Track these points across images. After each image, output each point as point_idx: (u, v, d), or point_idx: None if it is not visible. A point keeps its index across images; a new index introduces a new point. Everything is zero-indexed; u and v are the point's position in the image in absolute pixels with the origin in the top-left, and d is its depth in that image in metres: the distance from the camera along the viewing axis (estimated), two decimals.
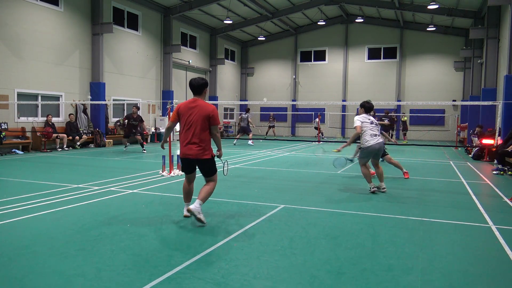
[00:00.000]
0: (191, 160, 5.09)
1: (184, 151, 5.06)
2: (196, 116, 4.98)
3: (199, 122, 4.96)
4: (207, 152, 5.03)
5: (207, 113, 4.99)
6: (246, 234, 4.72)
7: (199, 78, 5.18)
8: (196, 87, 5.14)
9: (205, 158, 5.03)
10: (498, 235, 4.80)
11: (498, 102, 13.14)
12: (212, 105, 5.12)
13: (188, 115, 5.02)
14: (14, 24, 14.46)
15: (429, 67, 26.81)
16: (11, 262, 3.73)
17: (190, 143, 4.99)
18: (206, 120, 4.98)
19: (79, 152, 14.42)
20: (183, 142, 5.06)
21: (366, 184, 8.44)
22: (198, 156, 5.00)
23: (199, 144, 4.97)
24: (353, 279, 3.45)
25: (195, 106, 5.04)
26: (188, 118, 5.01)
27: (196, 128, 4.96)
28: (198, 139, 4.96)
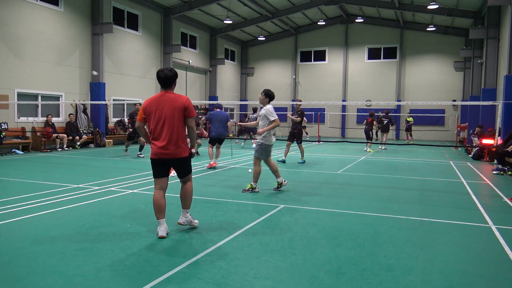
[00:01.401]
0: (165, 161, 4.55)
1: (157, 151, 4.50)
2: (168, 109, 4.45)
3: (173, 116, 4.45)
4: (185, 150, 4.57)
5: (181, 104, 4.47)
6: (246, 234, 4.72)
7: (167, 70, 4.59)
8: (164, 79, 4.56)
9: (183, 157, 4.56)
10: (498, 235, 4.80)
11: (498, 102, 13.15)
12: (184, 96, 4.64)
13: (158, 110, 4.48)
14: (14, 24, 14.46)
15: (429, 67, 26.81)
16: (11, 262, 3.74)
17: (165, 141, 4.45)
18: (180, 113, 4.47)
19: (79, 152, 14.43)
20: (156, 140, 4.51)
21: (366, 184, 8.45)
22: (176, 155, 4.51)
23: (176, 141, 4.48)
24: (353, 279, 3.45)
25: (165, 99, 4.50)
26: (159, 113, 4.47)
27: (170, 123, 4.45)
28: (173, 135, 4.46)
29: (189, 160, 4.72)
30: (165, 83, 4.58)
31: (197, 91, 26.25)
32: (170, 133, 4.46)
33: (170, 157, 4.52)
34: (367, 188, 7.98)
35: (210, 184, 8.08)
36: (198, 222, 4.98)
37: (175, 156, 4.52)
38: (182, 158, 4.57)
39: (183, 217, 4.78)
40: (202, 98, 26.51)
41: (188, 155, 4.65)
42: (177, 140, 4.49)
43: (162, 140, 4.48)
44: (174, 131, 4.47)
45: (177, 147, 4.50)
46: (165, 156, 4.51)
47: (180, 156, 4.54)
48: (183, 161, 4.62)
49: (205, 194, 7.03)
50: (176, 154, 4.52)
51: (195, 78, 25.92)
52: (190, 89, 25.33)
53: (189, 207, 4.81)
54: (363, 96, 27.48)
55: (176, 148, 4.50)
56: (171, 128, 4.47)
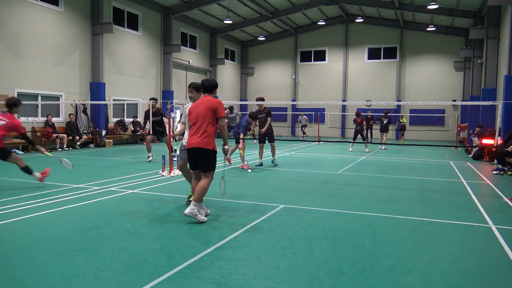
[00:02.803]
0: (194, 151, 5.18)
1: (189, 140, 5.27)
2: (202, 109, 5.21)
3: (205, 114, 5.17)
4: (210, 144, 5.15)
5: (212, 105, 5.18)
6: (246, 234, 4.72)
7: (210, 79, 5.49)
8: (207, 87, 5.42)
9: (206, 148, 5.12)
10: (498, 235, 4.80)
11: (498, 102, 13.14)
12: (217, 99, 5.32)
13: (195, 110, 5.28)
14: (14, 24, 14.46)
15: (429, 67, 26.81)
16: (11, 262, 3.73)
17: (195, 134, 5.19)
18: (212, 112, 5.16)
19: (79, 152, 14.42)
20: (190, 133, 5.29)
21: (366, 184, 8.45)
22: (200, 145, 5.11)
23: (202, 134, 5.13)
24: (353, 279, 3.45)
25: (202, 101, 5.31)
26: (196, 112, 5.26)
27: (202, 120, 5.17)
28: (202, 130, 5.15)
29: (211, 155, 5.20)
30: (207, 90, 5.43)
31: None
32: (200, 128, 5.16)
33: (195, 146, 5.14)
34: (367, 188, 7.98)
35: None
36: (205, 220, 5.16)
37: (199, 146, 5.12)
38: (204, 150, 5.13)
39: (190, 209, 5.09)
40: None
41: (211, 149, 5.16)
42: (202, 134, 5.14)
43: (193, 133, 5.23)
44: (202, 126, 5.16)
45: (202, 139, 5.13)
46: (191, 146, 5.18)
47: (203, 146, 5.12)
48: (206, 154, 5.16)
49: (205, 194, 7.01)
50: (199, 144, 5.11)
51: (195, 78, 25.90)
52: None
53: (197, 200, 5.13)
54: (363, 96, 27.48)
55: (201, 140, 5.12)
56: (201, 124, 5.17)
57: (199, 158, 5.22)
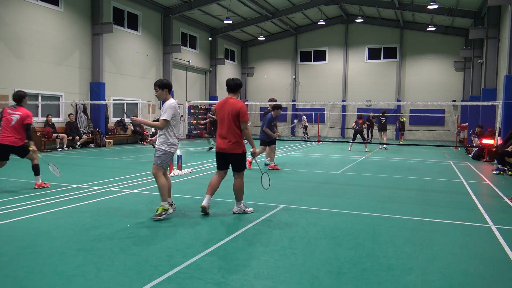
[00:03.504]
0: (223, 154, 5.45)
1: (218, 145, 5.49)
2: (226, 112, 5.38)
3: (229, 118, 5.35)
4: (238, 148, 5.39)
5: (236, 109, 5.34)
6: (246, 234, 4.72)
7: (236, 79, 5.68)
8: (232, 87, 5.57)
9: (236, 153, 5.39)
10: (498, 235, 4.80)
11: (498, 102, 13.15)
12: (241, 102, 5.45)
13: (221, 112, 5.46)
14: (14, 24, 14.46)
15: (429, 67, 26.81)
16: (11, 262, 3.73)
17: (223, 138, 5.41)
18: (235, 117, 5.34)
19: (79, 152, 14.42)
20: (219, 136, 5.51)
21: (366, 184, 8.45)
22: (230, 150, 5.37)
23: (230, 139, 5.36)
24: (353, 279, 3.45)
25: (226, 103, 5.45)
26: (221, 114, 5.45)
27: (227, 124, 5.36)
28: (229, 134, 5.36)
29: (243, 157, 5.48)
30: (232, 89, 5.57)
31: (197, 91, 26.26)
32: (226, 132, 5.36)
33: (226, 151, 5.40)
34: (367, 188, 7.98)
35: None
36: (252, 210, 5.71)
37: (230, 151, 5.39)
38: (235, 154, 5.40)
39: (236, 207, 5.65)
40: (202, 98, 26.51)
41: (241, 152, 5.43)
42: (230, 138, 5.35)
43: (221, 137, 5.43)
44: (228, 130, 5.35)
45: (231, 144, 5.35)
46: (222, 151, 5.43)
47: (234, 151, 5.38)
48: (237, 157, 5.43)
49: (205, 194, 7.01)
50: (231, 150, 5.37)
51: (195, 78, 25.93)
52: (190, 89, 25.33)
53: (240, 200, 5.62)
54: (363, 96, 27.48)
55: (231, 145, 5.35)
56: (227, 128, 5.36)
57: (230, 161, 5.49)
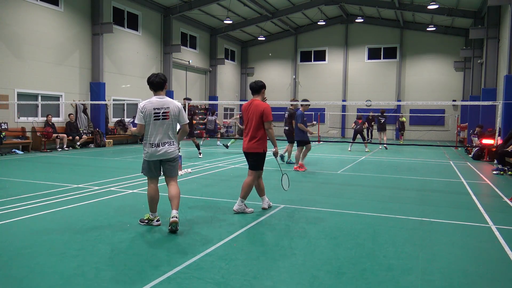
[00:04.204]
0: (246, 154, 5.73)
1: (243, 144, 5.76)
2: (251, 113, 5.65)
3: (255, 119, 5.59)
4: (260, 147, 5.61)
5: (260, 110, 5.58)
6: (246, 234, 4.72)
7: (258, 81, 5.86)
8: (255, 89, 5.79)
9: (253, 152, 5.62)
10: (498, 235, 4.80)
11: (498, 102, 13.14)
12: (265, 104, 5.70)
13: (247, 113, 5.73)
14: (14, 24, 14.46)
15: (429, 67, 26.81)
16: (11, 262, 3.74)
17: (248, 137, 5.65)
18: (259, 117, 5.57)
19: (79, 152, 14.42)
20: (244, 136, 5.77)
21: (366, 184, 8.45)
22: (250, 149, 5.62)
23: (252, 139, 5.60)
24: (353, 279, 3.45)
25: (251, 104, 5.71)
26: (247, 115, 5.72)
27: (252, 124, 5.61)
28: (252, 134, 5.61)
29: (258, 156, 5.67)
30: (255, 91, 5.80)
31: (197, 91, 26.25)
32: (251, 132, 5.61)
33: (245, 150, 5.68)
34: (367, 188, 7.98)
35: (210, 184, 8.08)
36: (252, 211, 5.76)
37: (248, 150, 5.64)
38: (255, 153, 5.63)
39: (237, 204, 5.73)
40: (202, 98, 26.51)
41: (261, 152, 5.64)
42: (253, 138, 5.59)
43: (246, 137, 5.70)
44: (252, 131, 5.60)
45: (254, 143, 5.59)
46: (245, 150, 5.71)
47: (255, 151, 5.62)
48: (256, 156, 5.66)
49: (205, 194, 7.02)
50: (252, 149, 5.61)
51: (195, 78, 25.92)
52: (190, 89, 25.33)
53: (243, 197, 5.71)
54: (363, 96, 27.47)
55: (253, 144, 5.59)
56: (251, 128, 5.61)
57: (249, 158, 5.73)
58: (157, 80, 4.78)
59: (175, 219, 4.61)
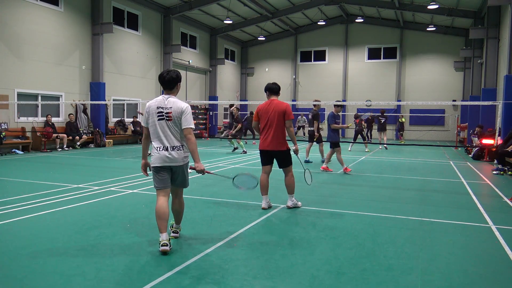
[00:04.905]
0: (267, 152, 5.86)
1: (263, 143, 5.84)
2: (273, 113, 5.78)
3: (276, 118, 5.74)
4: (283, 145, 5.79)
5: (282, 109, 5.77)
6: (246, 234, 4.72)
7: (275, 83, 6.08)
8: (276, 90, 6.02)
9: (281, 150, 5.78)
10: (498, 235, 4.80)
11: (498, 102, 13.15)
12: (285, 103, 5.90)
13: (267, 114, 5.82)
14: (14, 24, 14.46)
15: (429, 67, 26.80)
16: (11, 262, 3.73)
17: (269, 136, 5.77)
18: (281, 116, 5.74)
19: (79, 152, 14.42)
20: (264, 136, 5.86)
21: (366, 184, 8.45)
22: (276, 148, 5.76)
23: (275, 138, 5.74)
24: (353, 279, 3.45)
25: (271, 104, 5.87)
26: (266, 115, 5.81)
27: (274, 123, 5.74)
28: (275, 133, 5.74)
29: (287, 153, 5.86)
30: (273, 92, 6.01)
31: (197, 91, 26.24)
32: (272, 131, 5.75)
33: (271, 149, 5.79)
34: (367, 188, 7.98)
35: (210, 184, 8.07)
36: (301, 204, 6.05)
37: (275, 149, 5.78)
38: (280, 151, 5.80)
39: (290, 200, 5.99)
40: (202, 98, 26.51)
41: (285, 149, 5.82)
42: (277, 137, 5.75)
43: (267, 137, 5.80)
44: (275, 130, 5.74)
45: (279, 142, 5.76)
46: (267, 148, 5.82)
47: (278, 149, 5.78)
48: (282, 154, 5.83)
49: (205, 194, 7.02)
50: (276, 147, 5.77)
51: (195, 78, 25.92)
52: (190, 89, 25.32)
53: (292, 193, 5.97)
54: (363, 96, 27.47)
55: (277, 143, 5.75)
56: (274, 127, 5.75)
57: (276, 158, 5.88)
58: (168, 77, 4.21)
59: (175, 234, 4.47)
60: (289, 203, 5.98)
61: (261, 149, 5.92)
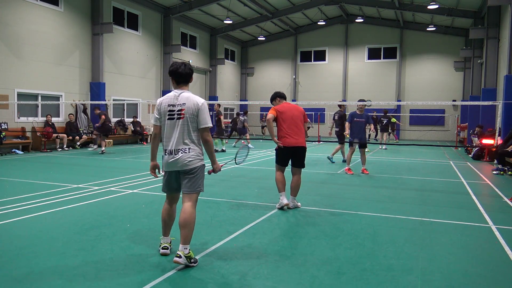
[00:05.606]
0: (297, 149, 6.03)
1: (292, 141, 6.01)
2: (297, 112, 6.17)
3: (299, 118, 6.14)
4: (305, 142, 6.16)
5: (302, 112, 6.25)
6: (246, 234, 4.72)
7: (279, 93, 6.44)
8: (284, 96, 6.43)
9: (304, 147, 6.10)
10: (498, 235, 4.80)
11: (498, 102, 13.14)
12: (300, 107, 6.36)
13: (291, 113, 6.10)
14: (14, 24, 14.46)
15: (429, 67, 26.80)
16: (11, 262, 3.73)
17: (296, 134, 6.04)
18: (303, 116, 6.21)
19: (79, 152, 14.42)
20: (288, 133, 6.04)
21: (366, 184, 8.45)
22: (303, 143, 6.06)
23: (302, 135, 6.11)
24: (353, 279, 3.45)
25: (289, 106, 6.24)
26: (290, 114, 6.09)
27: (299, 122, 6.11)
28: (302, 131, 6.13)
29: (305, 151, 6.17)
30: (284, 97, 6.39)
31: (197, 91, 26.24)
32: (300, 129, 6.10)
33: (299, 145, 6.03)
34: (367, 188, 7.98)
35: (210, 184, 8.06)
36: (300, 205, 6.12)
37: (302, 145, 6.06)
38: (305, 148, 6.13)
39: (291, 202, 6.04)
40: (202, 98, 26.40)
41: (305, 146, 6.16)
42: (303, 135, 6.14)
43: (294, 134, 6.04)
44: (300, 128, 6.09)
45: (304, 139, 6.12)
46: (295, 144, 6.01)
47: (304, 145, 6.10)
48: (304, 151, 6.12)
49: (205, 194, 7.01)
50: (303, 144, 6.10)
51: (195, 78, 25.78)
52: (190, 89, 24.48)
53: (295, 195, 6.07)
54: (363, 96, 27.30)
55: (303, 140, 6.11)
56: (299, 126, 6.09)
57: (297, 156, 6.05)
58: (185, 71, 3.89)
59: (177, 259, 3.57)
60: (291, 204, 6.00)
61: (290, 145, 5.98)
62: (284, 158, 6.11)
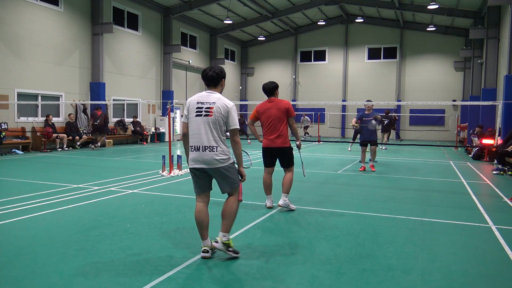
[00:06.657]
0: (273, 150, 5.81)
1: (267, 142, 5.83)
2: (274, 110, 5.76)
3: (278, 116, 5.73)
4: (287, 142, 5.83)
5: (284, 107, 5.78)
6: (246, 234, 4.72)
7: (269, 83, 5.91)
8: (268, 90, 5.90)
9: (284, 147, 5.79)
10: (498, 235, 4.80)
11: (498, 102, 13.14)
12: (286, 100, 5.94)
13: (267, 112, 5.80)
14: (14, 24, 14.46)
15: (429, 67, 26.80)
16: (11, 262, 3.73)
17: (273, 135, 5.77)
18: (284, 113, 5.75)
19: (79, 152, 14.42)
20: (266, 134, 5.83)
21: (366, 184, 8.45)
22: (281, 145, 5.76)
23: (280, 136, 5.75)
24: (353, 279, 3.45)
25: (270, 103, 5.85)
26: (268, 114, 5.78)
27: (276, 121, 5.74)
28: (279, 131, 5.75)
29: (290, 152, 5.87)
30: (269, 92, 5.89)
31: (197, 91, 26.01)
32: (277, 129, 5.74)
33: (276, 146, 5.76)
34: (367, 188, 7.98)
35: None
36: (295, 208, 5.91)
37: (282, 146, 5.77)
38: (284, 148, 5.80)
39: (282, 200, 5.87)
40: None
41: (289, 147, 5.85)
42: (282, 135, 5.76)
43: (269, 135, 5.80)
44: (278, 127, 5.74)
45: (283, 140, 5.77)
46: (272, 145, 5.80)
47: (284, 146, 5.79)
48: (285, 151, 5.83)
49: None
50: (282, 144, 5.77)
51: (195, 78, 25.91)
52: (190, 89, 25.32)
53: (287, 192, 5.87)
54: (363, 96, 27.44)
55: (282, 141, 5.76)
56: (276, 125, 5.74)
57: (280, 157, 5.86)
58: (210, 74, 3.96)
59: (214, 244, 3.85)
60: (281, 202, 5.87)
61: (266, 146, 5.85)
62: (265, 159, 5.97)
